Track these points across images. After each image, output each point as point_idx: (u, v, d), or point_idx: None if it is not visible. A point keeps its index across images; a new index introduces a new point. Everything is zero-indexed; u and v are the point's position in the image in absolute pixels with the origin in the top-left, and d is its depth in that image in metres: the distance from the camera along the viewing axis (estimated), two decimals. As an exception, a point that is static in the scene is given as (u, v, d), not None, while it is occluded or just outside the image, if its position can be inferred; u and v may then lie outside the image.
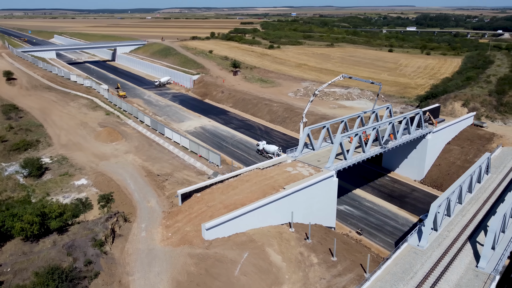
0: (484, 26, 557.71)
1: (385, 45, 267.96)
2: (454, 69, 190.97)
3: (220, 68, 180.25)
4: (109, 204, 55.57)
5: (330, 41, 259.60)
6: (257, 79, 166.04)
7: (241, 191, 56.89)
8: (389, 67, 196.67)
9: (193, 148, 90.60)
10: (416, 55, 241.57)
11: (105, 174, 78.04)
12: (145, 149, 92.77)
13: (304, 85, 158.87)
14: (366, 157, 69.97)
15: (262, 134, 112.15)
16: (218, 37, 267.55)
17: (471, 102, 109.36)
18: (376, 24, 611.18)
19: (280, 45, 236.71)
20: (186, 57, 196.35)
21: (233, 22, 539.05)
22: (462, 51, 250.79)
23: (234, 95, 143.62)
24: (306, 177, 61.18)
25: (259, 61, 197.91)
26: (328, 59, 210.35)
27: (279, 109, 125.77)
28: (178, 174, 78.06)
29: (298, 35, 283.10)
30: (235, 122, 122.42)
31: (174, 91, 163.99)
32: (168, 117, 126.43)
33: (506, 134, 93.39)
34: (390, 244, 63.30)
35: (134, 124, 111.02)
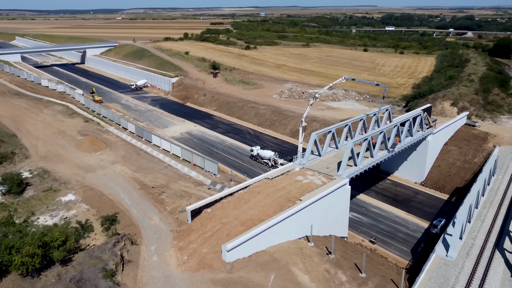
0: (447, 25, 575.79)
1: (359, 44, 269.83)
2: (430, 68, 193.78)
3: (199, 70, 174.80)
4: (114, 225, 50.10)
5: (305, 41, 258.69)
6: (238, 80, 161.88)
7: (255, 204, 52.89)
8: (367, 67, 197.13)
9: (186, 156, 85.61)
10: (391, 54, 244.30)
11: (94, 188, 71.98)
12: (133, 159, 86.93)
13: (286, 86, 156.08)
14: (376, 162, 67.53)
15: (252, 138, 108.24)
16: (191, 38, 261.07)
17: (460, 102, 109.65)
18: (344, 24, 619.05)
19: (257, 45, 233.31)
20: (162, 59, 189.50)
21: (203, 23, 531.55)
22: (433, 50, 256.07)
23: (218, 98, 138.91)
24: (319, 186, 57.89)
25: (237, 62, 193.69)
26: (306, 59, 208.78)
27: (266, 112, 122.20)
28: (174, 185, 73.01)
29: (272, 35, 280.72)
30: (222, 126, 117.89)
31: (153, 94, 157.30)
32: (150, 123, 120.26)
33: (499, 133, 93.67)
34: (406, 253, 60.99)
35: (117, 132, 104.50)
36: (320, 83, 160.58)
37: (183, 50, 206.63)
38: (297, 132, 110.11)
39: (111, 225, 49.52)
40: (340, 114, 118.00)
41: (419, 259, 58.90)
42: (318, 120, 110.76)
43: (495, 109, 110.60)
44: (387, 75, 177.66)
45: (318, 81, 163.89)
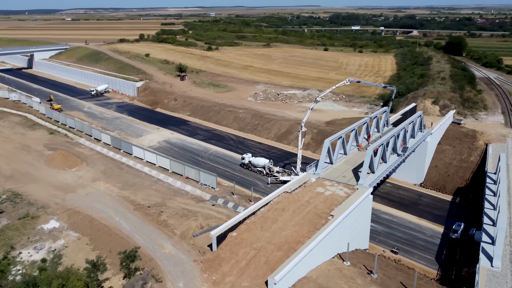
0: (392, 24, 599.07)
1: (318, 44, 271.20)
2: (392, 66, 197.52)
3: (164, 73, 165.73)
4: (134, 262, 42.68)
5: (265, 41, 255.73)
6: (208, 83, 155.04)
7: (285, 224, 47.71)
8: (333, 66, 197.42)
9: (176, 169, 78.47)
10: (351, 53, 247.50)
11: (79, 211, 63.35)
12: (115, 174, 78.46)
13: (259, 88, 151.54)
14: (391, 168, 64.60)
15: (236, 144, 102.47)
16: (148, 39, 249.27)
17: (440, 100, 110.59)
18: (293, 24, 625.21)
19: (218, 46, 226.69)
20: (121, 62, 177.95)
21: (153, 23, 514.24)
22: (389, 48, 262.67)
23: (190, 102, 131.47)
24: (344, 197, 53.80)
25: (202, 64, 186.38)
26: (271, 60, 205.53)
27: (246, 115, 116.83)
28: (172, 202, 66.00)
29: (231, 36, 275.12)
30: (202, 133, 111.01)
31: (117, 100, 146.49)
32: (122, 132, 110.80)
33: (484, 130, 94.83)
34: (431, 261, 58.41)
35: (89, 144, 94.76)
36: (292, 84, 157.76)
37: (142, 52, 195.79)
38: (283, 136, 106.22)
39: (132, 262, 42.10)
40: (323, 115, 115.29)
41: (445, 268, 56.57)
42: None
43: (472, 106, 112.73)
44: (354, 74, 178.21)
45: (289, 82, 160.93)
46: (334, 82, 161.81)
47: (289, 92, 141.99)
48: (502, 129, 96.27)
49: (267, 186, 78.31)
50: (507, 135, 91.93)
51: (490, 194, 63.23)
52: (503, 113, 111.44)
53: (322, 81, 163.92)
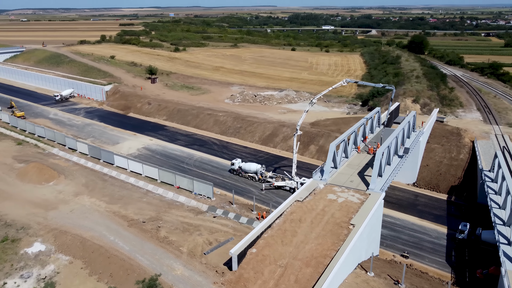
0: (350, 24, 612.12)
1: (284, 44, 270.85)
2: (361, 65, 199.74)
3: (133, 76, 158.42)
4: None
5: (232, 42, 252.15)
6: (181, 86, 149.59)
7: (306, 237, 44.83)
8: (304, 66, 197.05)
9: (166, 179, 73.65)
10: (318, 53, 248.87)
11: (66, 231, 57.53)
12: (99, 187, 72.58)
13: (234, 89, 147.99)
14: (397, 171, 63.24)
15: (220, 149, 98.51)
16: (110, 40, 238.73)
17: (421, 98, 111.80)
18: (253, 24, 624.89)
19: (185, 47, 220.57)
20: (85, 64, 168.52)
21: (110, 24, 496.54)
22: (354, 48, 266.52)
23: (166, 106, 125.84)
24: (358, 204, 51.72)
25: (171, 66, 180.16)
26: (241, 61, 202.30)
27: (227, 119, 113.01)
28: (168, 216, 61.44)
29: (196, 36, 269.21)
30: (182, 138, 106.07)
31: (84, 105, 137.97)
32: (96, 139, 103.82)
33: (467, 127, 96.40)
34: (442, 264, 57.35)
35: (63, 154, 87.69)
36: (267, 84, 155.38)
37: (107, 54, 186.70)
38: (268, 139, 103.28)
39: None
40: (307, 117, 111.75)
41: (457, 270, 55.72)
42: (287, 125, 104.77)
43: (449, 104, 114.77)
44: (326, 74, 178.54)
45: (264, 83, 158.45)
46: (308, 82, 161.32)
47: (266, 93, 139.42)
48: (483, 126, 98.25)
49: (261, 192, 75.17)
50: (490, 132, 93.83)
51: (492, 192, 63.33)
52: (478, 109, 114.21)
53: (296, 81, 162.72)
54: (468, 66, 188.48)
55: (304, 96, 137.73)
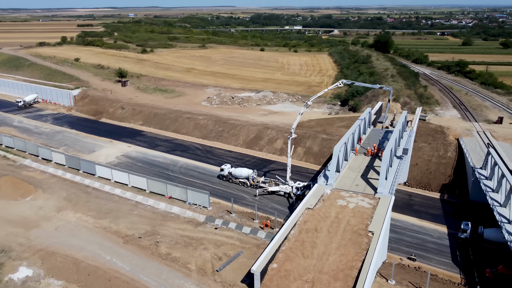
0: (311, 23, 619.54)
1: (251, 44, 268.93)
2: (332, 65, 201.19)
3: (101, 79, 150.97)
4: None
5: (200, 43, 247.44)
6: (153, 89, 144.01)
7: (326, 247, 42.62)
8: (275, 66, 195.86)
9: (155, 188, 69.37)
10: (286, 53, 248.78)
11: (55, 251, 52.48)
12: (83, 200, 67.31)
13: (209, 91, 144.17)
14: (399, 172, 62.26)
15: (204, 154, 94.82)
16: (72, 42, 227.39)
17: (401, 97, 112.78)
18: (215, 24, 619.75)
19: (152, 48, 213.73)
20: (49, 68, 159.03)
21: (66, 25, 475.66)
22: (321, 47, 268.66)
23: (141, 111, 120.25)
24: (370, 209, 50.24)
25: (141, 68, 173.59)
26: (212, 62, 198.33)
27: (207, 122, 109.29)
28: (165, 229, 57.52)
29: (162, 37, 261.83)
30: (162, 144, 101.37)
31: (51, 111, 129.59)
32: (69, 148, 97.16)
33: (449, 125, 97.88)
34: (450, 265, 56.83)
35: (38, 166, 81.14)
36: (242, 86, 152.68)
37: (70, 57, 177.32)
38: (253, 142, 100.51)
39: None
40: (288, 118, 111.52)
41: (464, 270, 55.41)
42: (271, 127, 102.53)
43: (427, 102, 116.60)
44: (299, 74, 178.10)
45: (239, 84, 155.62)
46: (283, 82, 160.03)
47: (243, 94, 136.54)
48: (463, 123, 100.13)
49: (255, 198, 72.38)
50: (471, 129, 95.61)
51: (489, 190, 63.73)
52: (454, 107, 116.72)
53: (271, 81, 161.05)
54: (434, 65, 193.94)
55: (282, 97, 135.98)
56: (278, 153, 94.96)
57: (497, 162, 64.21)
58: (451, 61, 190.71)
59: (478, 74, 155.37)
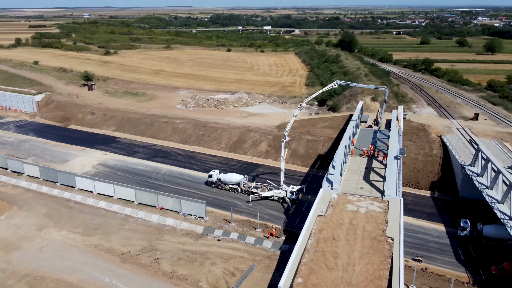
0: (271, 23, 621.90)
1: (217, 45, 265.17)
2: (300, 65, 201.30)
3: (65, 83, 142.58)
4: None
5: (164, 44, 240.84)
6: (123, 92, 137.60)
7: (349, 257, 40.76)
8: (245, 67, 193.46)
9: (145, 199, 65.09)
10: (253, 53, 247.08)
11: (44, 276, 47.55)
12: (66, 216, 62.02)
13: (182, 94, 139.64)
14: (400, 173, 61.58)
15: (187, 160, 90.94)
16: (28, 44, 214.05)
17: (378, 96, 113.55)
18: (174, 24, 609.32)
19: (116, 50, 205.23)
20: (5, 72, 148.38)
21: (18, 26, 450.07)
22: (287, 47, 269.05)
23: (113, 115, 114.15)
24: (382, 213, 49.06)
25: (106, 71, 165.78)
26: (180, 63, 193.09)
27: (186, 126, 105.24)
28: (164, 244, 53.73)
29: (124, 38, 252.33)
30: (141, 150, 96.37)
31: (13, 119, 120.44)
32: (39, 158, 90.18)
33: (429, 123, 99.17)
34: (455, 264, 56.57)
35: (8, 179, 74.40)
36: (215, 87, 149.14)
37: (28, 60, 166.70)
38: (236, 145, 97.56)
39: None
40: (269, 120, 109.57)
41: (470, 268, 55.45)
42: (254, 130, 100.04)
43: (403, 100, 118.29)
44: (270, 75, 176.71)
45: (211, 85, 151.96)
46: (256, 83, 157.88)
47: (218, 96, 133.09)
48: (442, 121, 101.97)
49: (248, 205, 69.73)
50: (451, 126, 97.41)
51: (483, 187, 64.43)
52: (429, 105, 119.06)
53: (244, 82, 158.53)
54: (400, 63, 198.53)
55: (258, 98, 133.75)
56: (264, 156, 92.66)
57: (490, 159, 65.04)
58: (416, 59, 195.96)
59: (444, 72, 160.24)
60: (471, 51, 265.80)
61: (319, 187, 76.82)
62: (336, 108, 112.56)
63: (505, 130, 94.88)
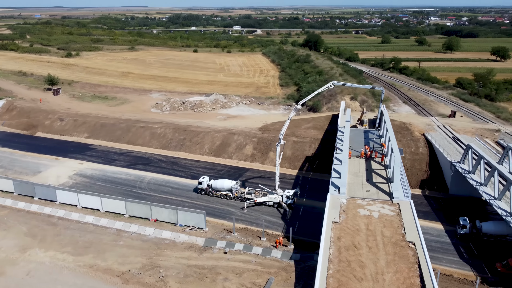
0: (232, 24, 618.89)
1: (182, 45, 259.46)
2: (270, 65, 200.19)
3: (27, 88, 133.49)
4: None
5: (127, 45, 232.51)
6: (91, 96, 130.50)
7: (375, 265, 39.16)
8: (214, 68, 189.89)
9: (136, 212, 60.83)
10: (221, 54, 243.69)
11: (37, 304, 42.71)
12: (51, 234, 56.84)
13: (155, 97, 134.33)
14: (404, 174, 60.90)
15: (170, 166, 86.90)
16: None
17: (358, 95, 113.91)
18: (132, 25, 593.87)
19: (78, 52, 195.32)
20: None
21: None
22: (253, 47, 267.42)
23: (85, 121, 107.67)
24: (396, 217, 47.99)
25: (70, 74, 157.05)
26: (147, 65, 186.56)
27: (165, 131, 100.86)
28: (166, 260, 50.11)
29: (84, 40, 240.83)
30: (119, 158, 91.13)
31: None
32: (7, 170, 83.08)
33: (410, 121, 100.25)
34: (460, 263, 56.50)
35: (-23, 196, 67.47)
36: (189, 89, 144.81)
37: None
38: (220, 149, 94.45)
39: None
40: (250, 122, 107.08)
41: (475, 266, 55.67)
42: (237, 132, 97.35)
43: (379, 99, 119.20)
44: (242, 75, 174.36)
45: (184, 87, 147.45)
46: (229, 84, 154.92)
47: (193, 99, 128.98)
48: (422, 119, 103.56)
49: (243, 212, 67.10)
50: (431, 124, 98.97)
51: (477, 184, 65.10)
52: (405, 103, 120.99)
53: (217, 84, 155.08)
54: (368, 62, 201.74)
55: (235, 100, 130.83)
56: (250, 160, 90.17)
57: (484, 156, 65.90)
58: (383, 58, 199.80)
59: (413, 70, 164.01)
60: (430, 49, 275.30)
61: (312, 190, 75.97)
62: (317, 108, 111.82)
63: (483, 127, 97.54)
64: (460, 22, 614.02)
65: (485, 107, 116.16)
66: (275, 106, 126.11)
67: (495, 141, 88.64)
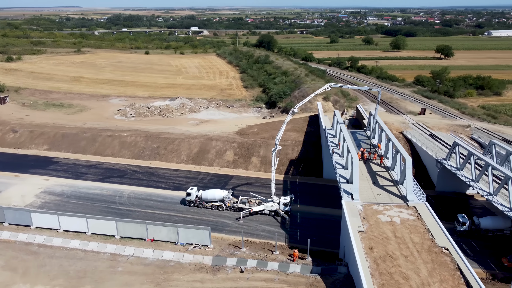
0: (176, 25, 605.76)
1: (132, 47, 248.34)
2: (227, 66, 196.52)
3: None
4: None
5: (72, 47, 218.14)
6: (45, 104, 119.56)
7: (418, 276, 37.44)
8: (172, 70, 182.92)
9: (130, 232, 55.00)
10: (174, 55, 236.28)
11: None
12: (34, 266, 49.73)
13: (115, 102, 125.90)
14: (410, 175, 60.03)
15: (149, 177, 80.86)
16: None
17: (330, 96, 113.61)
18: (69, 26, 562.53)
19: (19, 55, 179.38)
20: None
21: None
22: (206, 49, 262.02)
23: (42, 132, 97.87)
24: (417, 221, 46.97)
25: (15, 80, 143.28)
26: (99, 68, 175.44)
27: (136, 139, 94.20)
28: (178, 286, 45.35)
29: (23, 42, 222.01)
30: (89, 171, 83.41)
31: None
32: (-41, 192, 72.98)
33: (384, 119, 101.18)
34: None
35: None
36: (150, 94, 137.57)
37: None
38: (198, 156, 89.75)
39: None
40: (225, 126, 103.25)
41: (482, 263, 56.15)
42: (214, 138, 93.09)
43: (351, 98, 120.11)
44: (203, 78, 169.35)
45: (145, 92, 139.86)
46: (191, 87, 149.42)
47: (158, 103, 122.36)
48: (395, 117, 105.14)
49: (239, 223, 63.51)
50: (405, 122, 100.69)
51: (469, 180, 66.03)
52: (373, 102, 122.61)
53: (178, 87, 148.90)
54: (325, 62, 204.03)
55: (203, 104, 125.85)
56: (232, 166, 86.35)
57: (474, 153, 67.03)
58: (338, 57, 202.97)
59: (371, 69, 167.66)
60: (378, 48, 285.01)
61: (303, 195, 73.66)
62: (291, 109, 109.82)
63: (454, 123, 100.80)
64: (396, 22, 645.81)
65: (448, 103, 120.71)
66: (245, 109, 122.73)
67: (469, 137, 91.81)
